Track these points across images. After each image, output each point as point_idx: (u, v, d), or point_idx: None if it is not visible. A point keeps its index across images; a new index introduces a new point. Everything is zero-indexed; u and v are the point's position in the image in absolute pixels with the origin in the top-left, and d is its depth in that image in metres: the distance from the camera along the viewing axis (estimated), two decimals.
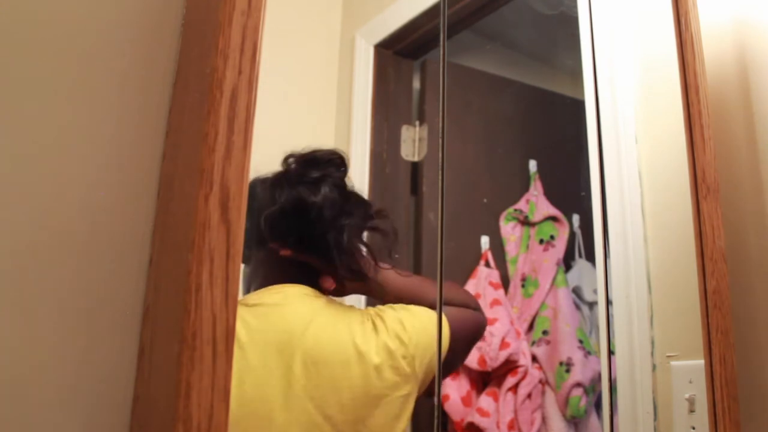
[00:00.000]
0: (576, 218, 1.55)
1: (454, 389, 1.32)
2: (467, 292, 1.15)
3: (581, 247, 1.54)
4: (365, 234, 0.95)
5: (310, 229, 0.87)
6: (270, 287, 0.87)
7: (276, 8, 0.66)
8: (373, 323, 0.88)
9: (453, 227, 1.35)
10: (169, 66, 0.67)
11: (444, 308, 0.93)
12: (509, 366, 1.35)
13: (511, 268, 1.53)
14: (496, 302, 1.42)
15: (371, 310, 0.92)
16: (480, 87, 1.60)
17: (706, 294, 0.90)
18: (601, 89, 1.15)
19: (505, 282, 1.50)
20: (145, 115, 0.65)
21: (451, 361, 0.93)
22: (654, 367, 1.02)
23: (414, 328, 0.89)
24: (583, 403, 1.33)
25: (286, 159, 0.93)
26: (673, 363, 1.00)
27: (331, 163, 0.91)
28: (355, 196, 0.93)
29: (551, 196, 1.58)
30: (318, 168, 0.90)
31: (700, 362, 0.90)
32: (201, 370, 0.50)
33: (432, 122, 1.44)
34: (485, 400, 1.32)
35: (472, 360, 1.33)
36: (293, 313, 0.84)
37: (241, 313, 0.82)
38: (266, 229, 0.87)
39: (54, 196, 0.59)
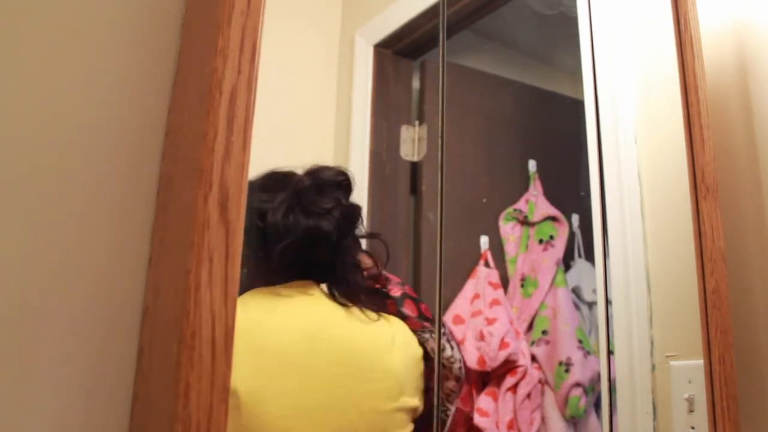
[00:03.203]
0: (575, 218, 1.55)
1: None
2: None
3: (581, 247, 1.54)
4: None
5: (322, 255, 0.92)
6: (296, 281, 0.89)
7: (275, 8, 0.66)
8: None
9: (452, 227, 1.35)
10: (169, 66, 0.67)
11: None
12: (508, 366, 1.35)
13: (510, 268, 1.53)
14: (495, 302, 1.42)
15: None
16: (479, 87, 1.60)
17: (705, 294, 0.90)
18: (601, 89, 1.15)
19: (505, 282, 1.50)
20: (144, 115, 0.65)
21: None
22: (653, 367, 1.02)
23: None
24: (582, 403, 1.33)
25: (294, 177, 0.95)
26: (673, 363, 1.00)
27: (340, 186, 0.94)
28: (357, 214, 0.97)
29: (551, 196, 1.58)
30: (329, 194, 0.93)
31: (700, 362, 0.90)
32: (200, 370, 0.50)
33: (431, 122, 1.44)
34: (484, 400, 1.32)
35: (471, 360, 1.33)
36: (327, 306, 0.89)
37: (273, 298, 0.86)
38: (281, 260, 0.90)
39: (53, 196, 0.59)
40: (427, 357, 0.93)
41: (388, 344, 0.89)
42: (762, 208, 0.98)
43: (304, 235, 0.89)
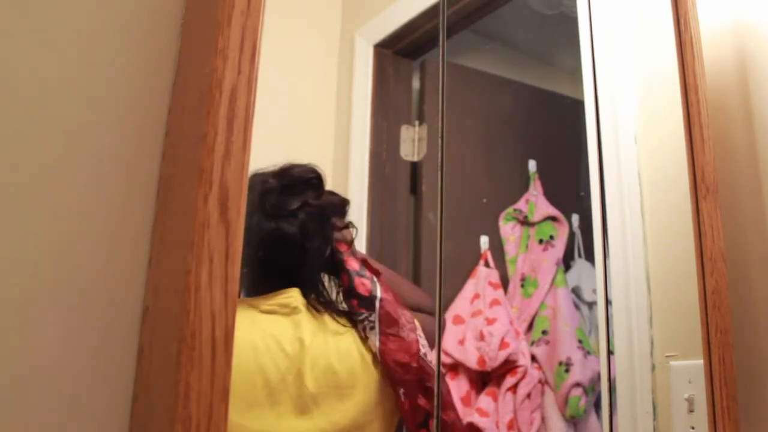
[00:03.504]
0: (575, 218, 1.55)
1: (454, 389, 1.32)
2: (423, 294, 1.12)
3: (581, 247, 1.54)
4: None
5: (290, 258, 0.90)
6: (278, 292, 0.87)
7: (275, 8, 0.66)
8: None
9: (452, 227, 1.35)
10: (169, 66, 0.67)
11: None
12: (508, 366, 1.35)
13: (510, 268, 1.53)
14: (495, 302, 1.42)
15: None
16: (479, 87, 1.60)
17: (705, 294, 0.90)
18: (601, 89, 1.15)
19: (505, 282, 1.50)
20: (144, 115, 0.65)
21: None
22: (653, 367, 1.02)
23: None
24: (582, 403, 1.33)
25: (261, 178, 0.91)
26: (673, 363, 1.00)
27: (309, 185, 0.91)
28: (330, 210, 0.93)
29: (551, 196, 1.58)
30: (296, 194, 0.90)
31: (700, 362, 0.90)
32: (200, 370, 0.50)
33: (431, 122, 1.44)
34: (484, 400, 1.32)
35: (471, 360, 1.33)
36: (305, 322, 0.85)
37: (254, 317, 0.84)
38: (253, 267, 0.88)
39: (53, 196, 0.59)
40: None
41: (365, 355, 0.87)
42: (762, 208, 0.98)
43: (267, 239, 0.87)
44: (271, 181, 0.91)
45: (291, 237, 0.88)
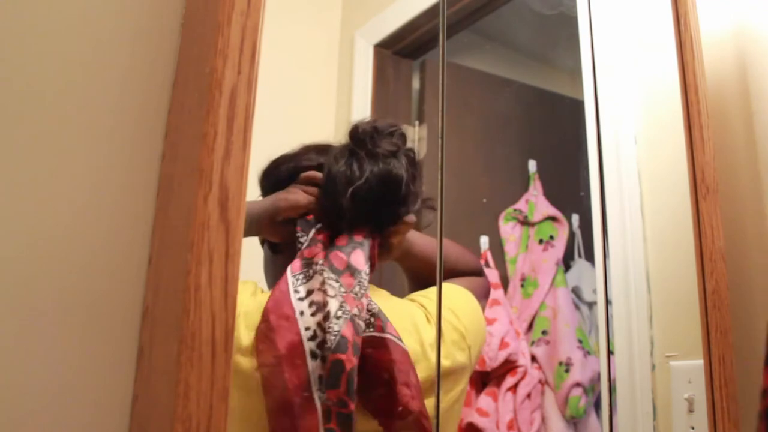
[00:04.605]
0: (575, 218, 1.55)
1: None
2: (472, 256, 1.07)
3: (580, 247, 1.54)
4: None
5: (393, 204, 0.85)
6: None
7: (276, 8, 0.66)
8: (426, 315, 0.84)
9: (452, 227, 1.35)
10: (169, 66, 0.67)
11: (463, 281, 0.93)
12: (508, 366, 1.35)
13: (510, 268, 1.53)
14: (495, 302, 1.42)
15: (416, 299, 0.87)
16: (479, 87, 1.60)
17: (705, 294, 0.90)
18: (601, 89, 1.15)
19: (505, 282, 1.50)
20: (144, 115, 0.65)
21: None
22: (653, 367, 1.02)
23: (466, 316, 0.86)
24: (582, 403, 1.33)
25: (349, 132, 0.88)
26: (673, 363, 1.00)
27: (395, 135, 0.87)
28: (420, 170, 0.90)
29: (550, 196, 1.58)
30: (391, 141, 0.86)
31: (700, 362, 0.90)
32: (200, 371, 0.50)
33: (431, 122, 1.44)
34: (484, 400, 1.32)
35: None
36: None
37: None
38: (350, 205, 0.79)
39: (53, 196, 0.59)
40: None
41: None
42: (762, 208, 0.98)
43: (373, 177, 0.84)
44: (358, 131, 0.87)
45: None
